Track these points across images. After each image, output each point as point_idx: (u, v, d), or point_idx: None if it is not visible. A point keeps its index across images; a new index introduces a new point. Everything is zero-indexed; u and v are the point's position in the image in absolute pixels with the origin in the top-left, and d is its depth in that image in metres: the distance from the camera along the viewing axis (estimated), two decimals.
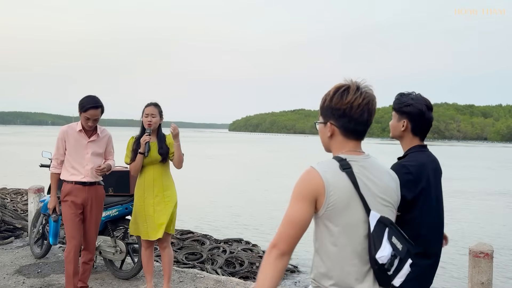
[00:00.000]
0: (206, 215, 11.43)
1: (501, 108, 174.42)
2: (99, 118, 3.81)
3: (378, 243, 1.49)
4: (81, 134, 3.82)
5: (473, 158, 40.83)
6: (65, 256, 3.81)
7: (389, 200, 1.60)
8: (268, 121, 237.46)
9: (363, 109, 1.55)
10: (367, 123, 1.58)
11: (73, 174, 3.80)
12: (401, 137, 2.33)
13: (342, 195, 1.51)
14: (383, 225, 1.52)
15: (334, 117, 1.59)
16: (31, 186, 6.03)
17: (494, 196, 16.38)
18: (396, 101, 2.33)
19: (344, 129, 1.59)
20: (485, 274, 3.20)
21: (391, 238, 1.51)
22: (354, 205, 1.52)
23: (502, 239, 9.69)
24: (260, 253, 7.12)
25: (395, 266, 1.51)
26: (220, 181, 18.90)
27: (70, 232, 3.78)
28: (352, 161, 1.56)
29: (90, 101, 3.75)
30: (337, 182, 1.51)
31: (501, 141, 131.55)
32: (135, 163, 3.87)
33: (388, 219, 1.55)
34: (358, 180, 1.53)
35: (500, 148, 73.72)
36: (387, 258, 1.49)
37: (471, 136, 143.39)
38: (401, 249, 1.51)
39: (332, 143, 1.64)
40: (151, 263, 4.05)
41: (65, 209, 3.80)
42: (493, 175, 24.71)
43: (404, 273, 1.52)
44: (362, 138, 1.63)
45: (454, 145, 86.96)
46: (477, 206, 13.91)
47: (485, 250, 3.22)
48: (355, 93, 1.55)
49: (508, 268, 7.43)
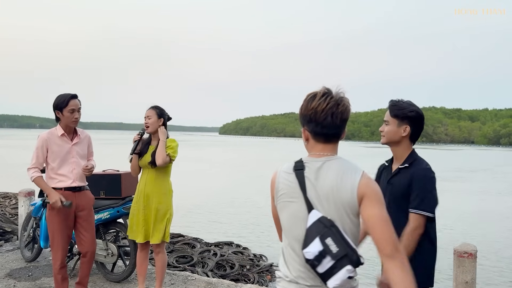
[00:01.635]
0: (196, 219, 11.45)
1: (487, 112, 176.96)
2: (80, 108, 3.71)
3: (309, 240, 1.58)
4: (63, 139, 3.70)
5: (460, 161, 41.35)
6: (54, 267, 3.72)
7: (340, 202, 1.61)
8: (259, 125, 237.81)
9: (326, 113, 1.65)
10: (332, 125, 1.66)
11: (60, 180, 3.68)
12: (399, 142, 2.39)
13: (287, 192, 1.70)
14: (322, 225, 1.58)
15: (305, 122, 1.73)
16: (21, 190, 6.02)
17: (479, 197, 16.64)
18: (394, 107, 2.38)
19: (314, 133, 1.71)
20: (469, 273, 3.30)
21: (325, 238, 1.55)
22: (299, 203, 1.67)
23: (484, 239, 9.90)
24: (250, 256, 7.17)
25: (325, 266, 1.54)
26: (210, 184, 18.91)
27: (58, 243, 3.65)
28: (308, 162, 1.70)
29: (65, 95, 3.67)
30: (285, 180, 1.72)
31: (488, 144, 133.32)
32: (131, 164, 3.99)
33: (330, 221, 1.58)
34: (307, 180, 1.66)
35: (485, 152, 74.71)
36: (313, 255, 1.55)
37: (459, 139, 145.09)
38: (336, 252, 1.53)
39: (308, 146, 1.78)
40: (145, 265, 4.09)
41: (54, 218, 3.66)
42: (477, 178, 25.08)
43: (340, 277, 1.53)
44: (334, 140, 1.71)
45: (442, 148, 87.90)
46: (461, 207, 14.13)
47: (469, 250, 3.32)
48: (319, 99, 1.66)
49: (490, 267, 7.70)
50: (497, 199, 16.55)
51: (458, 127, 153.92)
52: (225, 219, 11.65)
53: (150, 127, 3.89)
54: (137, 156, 3.94)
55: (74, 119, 3.68)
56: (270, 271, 6.44)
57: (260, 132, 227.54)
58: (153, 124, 3.90)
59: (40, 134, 3.72)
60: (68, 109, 3.63)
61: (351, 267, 1.54)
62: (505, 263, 8.15)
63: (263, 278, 6.11)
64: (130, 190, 4.60)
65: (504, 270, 7.69)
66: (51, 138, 3.68)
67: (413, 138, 2.40)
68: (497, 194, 18.04)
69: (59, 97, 3.68)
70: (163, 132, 3.89)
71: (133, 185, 4.19)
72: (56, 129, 3.74)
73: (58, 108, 3.66)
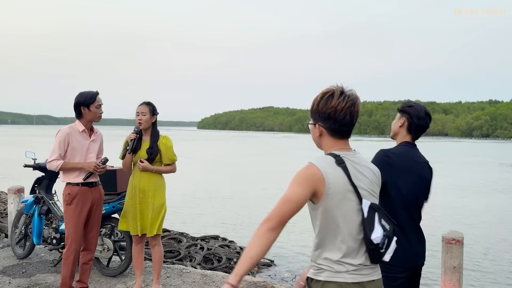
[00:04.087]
0: (180, 213, 11.48)
1: (460, 105, 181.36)
2: None
3: (371, 227, 1.74)
4: (83, 135, 3.84)
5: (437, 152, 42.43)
6: (64, 259, 3.81)
7: (374, 190, 1.85)
8: (237, 119, 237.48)
9: (345, 112, 1.76)
10: (350, 124, 1.81)
11: (77, 176, 3.79)
12: (397, 133, 2.65)
13: (339, 187, 1.74)
14: (373, 211, 1.77)
15: (321, 119, 1.82)
16: (11, 187, 5.96)
17: (464, 187, 17.19)
18: (402, 104, 2.70)
19: (330, 130, 1.82)
20: (456, 259, 3.49)
21: (380, 221, 1.76)
22: (350, 195, 1.76)
23: (471, 226, 10.39)
24: (237, 249, 7.28)
25: (385, 244, 1.76)
26: (192, 178, 18.91)
27: (73, 236, 3.77)
28: (345, 157, 1.80)
29: (89, 92, 3.81)
30: (334, 175, 1.74)
31: (461, 136, 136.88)
32: (124, 160, 4.03)
33: (377, 205, 1.80)
34: (351, 173, 1.77)
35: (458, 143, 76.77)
36: (380, 239, 1.73)
37: (433, 132, 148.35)
38: (389, 229, 1.77)
39: (322, 141, 1.87)
40: (141, 258, 4.16)
41: (71, 212, 3.76)
42: (460, 168, 25.83)
43: (392, 249, 1.77)
44: (349, 136, 1.87)
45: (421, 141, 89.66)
46: (449, 196, 14.59)
47: (456, 237, 3.52)
48: (338, 98, 1.76)
49: (476, 253, 8.14)
50: (482, 189, 17.13)
51: (432, 120, 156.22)
52: (208, 213, 11.73)
53: (144, 124, 3.94)
54: (131, 153, 3.98)
55: (100, 114, 3.86)
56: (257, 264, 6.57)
57: (239, 126, 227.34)
58: (147, 121, 3.95)
59: (61, 129, 3.84)
60: (96, 104, 3.79)
61: (396, 237, 1.79)
62: (490, 249, 8.60)
63: (251, 270, 6.24)
64: (125, 185, 4.62)
65: (489, 256, 8.13)
66: (72, 133, 3.80)
67: (410, 131, 2.60)
68: (482, 184, 18.67)
69: (85, 94, 3.79)
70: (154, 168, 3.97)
71: (128, 181, 4.24)
72: (76, 124, 3.85)
73: (85, 104, 3.77)
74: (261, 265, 6.89)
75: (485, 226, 10.77)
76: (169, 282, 4.59)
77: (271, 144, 58.93)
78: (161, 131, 4.09)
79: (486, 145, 74.04)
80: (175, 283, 4.56)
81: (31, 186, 5.13)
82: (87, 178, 3.80)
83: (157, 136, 4.01)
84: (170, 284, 4.55)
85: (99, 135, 4.02)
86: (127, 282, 4.54)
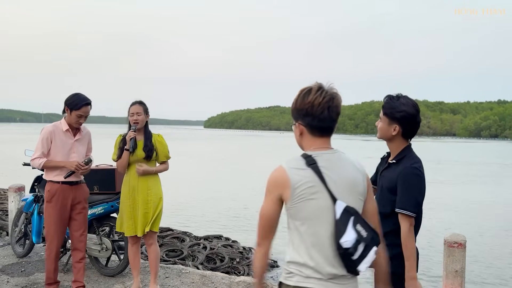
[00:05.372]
0: (185, 212, 11.47)
1: (468, 105, 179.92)
2: (88, 115, 3.86)
3: (343, 229, 1.64)
4: (67, 134, 3.82)
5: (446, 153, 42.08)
6: (46, 255, 3.87)
7: (356, 190, 1.74)
8: (244, 118, 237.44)
9: (323, 107, 1.69)
10: (329, 119, 1.72)
11: (58, 174, 3.78)
12: (391, 139, 2.43)
13: (307, 189, 1.67)
14: (349, 214, 1.67)
15: (300, 117, 1.75)
16: (11, 185, 5.95)
17: (466, 188, 17.02)
18: (386, 105, 2.40)
19: (310, 127, 1.75)
20: (458, 262, 3.41)
21: (355, 225, 1.66)
22: (321, 196, 1.68)
23: (473, 229, 10.18)
24: (240, 248, 7.23)
25: (359, 251, 1.63)
26: (196, 178, 18.91)
27: (53, 233, 3.80)
28: (318, 156, 1.72)
29: (81, 98, 3.77)
30: (302, 177, 1.67)
31: (469, 137, 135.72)
32: (121, 160, 3.93)
33: (353, 209, 1.69)
34: (323, 173, 1.69)
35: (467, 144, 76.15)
36: (351, 243, 1.63)
37: (441, 132, 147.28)
38: (366, 236, 1.65)
39: (302, 141, 1.80)
40: (138, 258, 4.12)
41: (51, 210, 3.78)
42: (465, 170, 25.60)
43: (369, 259, 1.65)
44: (329, 134, 1.77)
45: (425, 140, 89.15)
46: (451, 198, 14.45)
47: (459, 240, 3.44)
48: (315, 93, 1.70)
49: (479, 256, 7.93)
50: (485, 190, 16.95)
51: (440, 120, 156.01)
52: (212, 213, 11.69)
53: (140, 123, 3.94)
54: (129, 153, 3.93)
55: (79, 123, 3.82)
56: None
57: (245, 125, 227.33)
58: (143, 121, 3.97)
59: (45, 127, 3.81)
60: (78, 113, 3.75)
61: (376, 247, 1.67)
62: (493, 252, 8.42)
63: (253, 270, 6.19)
64: None
65: (492, 260, 7.94)
66: (55, 131, 3.78)
67: (406, 135, 2.40)
68: (483, 183, 18.48)
69: (75, 97, 3.77)
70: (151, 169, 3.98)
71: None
72: (61, 123, 3.83)
73: (69, 106, 3.75)
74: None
75: (489, 228, 10.60)
76: (168, 283, 4.55)
77: (276, 143, 58.84)
78: (167, 130, 4.06)
79: (494, 145, 73.33)
80: (174, 284, 4.52)
81: (31, 184, 5.11)
82: (68, 176, 3.78)
83: (150, 134, 4.01)
84: (168, 284, 4.50)
85: (85, 135, 3.97)
86: (126, 282, 4.51)
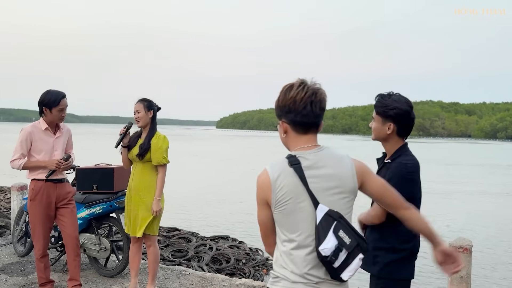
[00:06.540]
0: (192, 212, 11.43)
1: (484, 106, 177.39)
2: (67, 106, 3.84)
3: (323, 236, 1.54)
4: (47, 132, 3.78)
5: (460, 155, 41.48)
6: (35, 253, 3.87)
7: (342, 189, 1.63)
8: (256, 118, 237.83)
9: (305, 102, 1.62)
10: (312, 114, 1.63)
11: (41, 172, 3.76)
12: (386, 139, 2.34)
13: (289, 190, 1.59)
14: (331, 219, 1.56)
15: (283, 114, 1.67)
16: (14, 184, 5.96)
17: (472, 191, 16.69)
18: (378, 104, 2.33)
19: (293, 124, 1.66)
20: (464, 268, 3.27)
21: (337, 231, 1.55)
22: (303, 199, 1.59)
23: (479, 233, 9.92)
24: (246, 250, 7.14)
25: (341, 259, 1.54)
26: (205, 177, 18.89)
27: (39, 232, 3.77)
28: (302, 156, 1.63)
29: (56, 93, 3.73)
30: (284, 180, 1.60)
31: (485, 138, 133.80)
32: (122, 157, 4.00)
33: (337, 213, 1.58)
34: (306, 174, 1.59)
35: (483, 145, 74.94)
36: (330, 251, 1.52)
37: (456, 133, 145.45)
38: (349, 243, 1.54)
39: (287, 140, 1.71)
40: (137, 258, 4.06)
41: (35, 208, 3.74)
42: (473, 172, 25.15)
43: (353, 267, 1.55)
44: (315, 131, 1.68)
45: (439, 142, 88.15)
46: (456, 202, 14.16)
47: (465, 245, 3.30)
48: (297, 89, 1.63)
49: (485, 262, 7.69)
50: (494, 196, 16.60)
51: (455, 121, 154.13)
52: (220, 213, 11.63)
53: (141, 121, 3.87)
54: (127, 149, 3.92)
55: (62, 117, 3.78)
56: (266, 265, 6.42)
57: (258, 126, 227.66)
58: (144, 118, 3.87)
59: (23, 128, 3.79)
60: (58, 108, 3.71)
61: (363, 255, 1.56)
62: (500, 258, 8.17)
63: (259, 272, 6.10)
64: (122, 184, 4.55)
65: (498, 265, 7.69)
66: (34, 131, 3.75)
67: (401, 133, 2.32)
68: (491, 186, 18.11)
69: (49, 95, 3.72)
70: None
71: (126, 179, 4.15)
72: (39, 122, 3.79)
73: (47, 106, 3.71)
74: (270, 266, 6.72)
75: (496, 233, 10.27)
76: (167, 284, 4.47)
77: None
78: (179, 130, 3.98)
79: (510, 147, 72.07)
80: (173, 286, 4.44)
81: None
82: (49, 175, 3.75)
83: (153, 133, 3.90)
84: (167, 286, 4.43)
85: (65, 132, 3.94)
86: (124, 283, 4.45)
